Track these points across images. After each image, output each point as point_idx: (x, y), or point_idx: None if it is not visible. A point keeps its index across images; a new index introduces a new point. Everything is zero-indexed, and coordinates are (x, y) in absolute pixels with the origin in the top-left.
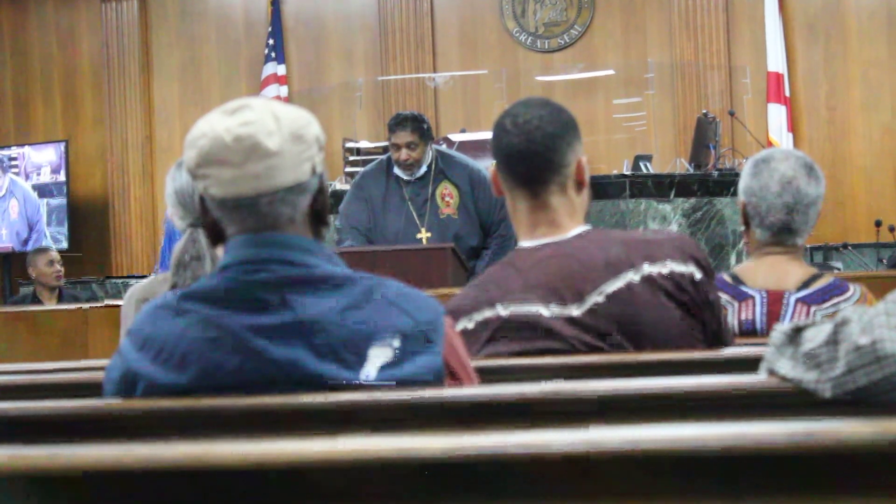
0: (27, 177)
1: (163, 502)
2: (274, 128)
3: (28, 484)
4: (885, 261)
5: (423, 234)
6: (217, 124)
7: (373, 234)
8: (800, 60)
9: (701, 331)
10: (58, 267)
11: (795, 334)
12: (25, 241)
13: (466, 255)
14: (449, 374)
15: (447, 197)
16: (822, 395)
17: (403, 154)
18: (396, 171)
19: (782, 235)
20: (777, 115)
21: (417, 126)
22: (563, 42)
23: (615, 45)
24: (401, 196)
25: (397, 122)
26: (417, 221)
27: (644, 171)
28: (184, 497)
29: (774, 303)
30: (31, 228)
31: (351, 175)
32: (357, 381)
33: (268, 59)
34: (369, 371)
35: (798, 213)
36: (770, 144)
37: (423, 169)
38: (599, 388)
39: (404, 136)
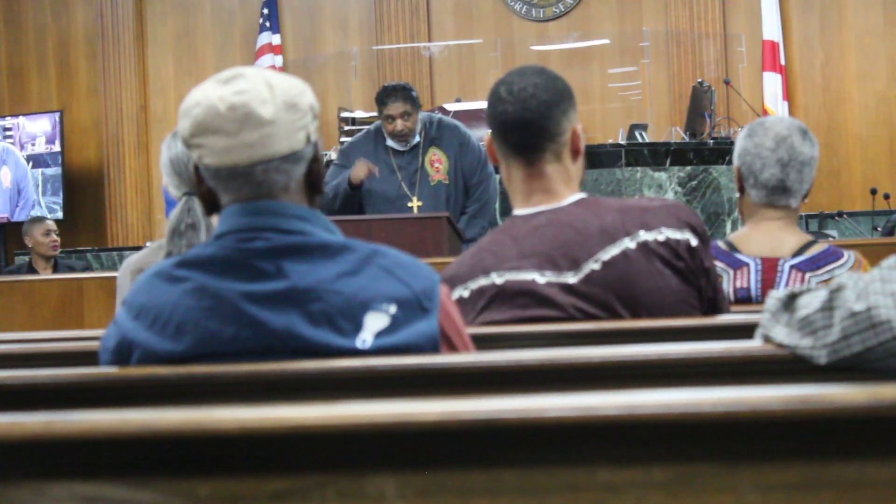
0: (22, 147)
1: (159, 470)
2: (268, 96)
3: (24, 451)
4: (879, 228)
5: (415, 203)
6: (211, 93)
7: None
8: (795, 28)
9: (696, 298)
10: (54, 237)
11: (791, 301)
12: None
13: (458, 218)
14: (445, 342)
15: (436, 163)
16: (818, 362)
17: (399, 125)
18: (389, 142)
19: (777, 195)
20: (772, 83)
21: (408, 95)
22: (557, 11)
23: (610, 13)
24: (390, 167)
25: (388, 94)
26: (408, 191)
27: (639, 139)
28: (180, 464)
29: (769, 270)
30: (18, 193)
31: None
32: (353, 348)
33: (262, 28)
34: (365, 338)
35: (793, 169)
36: (765, 113)
37: (417, 138)
38: (595, 355)
39: (398, 107)
